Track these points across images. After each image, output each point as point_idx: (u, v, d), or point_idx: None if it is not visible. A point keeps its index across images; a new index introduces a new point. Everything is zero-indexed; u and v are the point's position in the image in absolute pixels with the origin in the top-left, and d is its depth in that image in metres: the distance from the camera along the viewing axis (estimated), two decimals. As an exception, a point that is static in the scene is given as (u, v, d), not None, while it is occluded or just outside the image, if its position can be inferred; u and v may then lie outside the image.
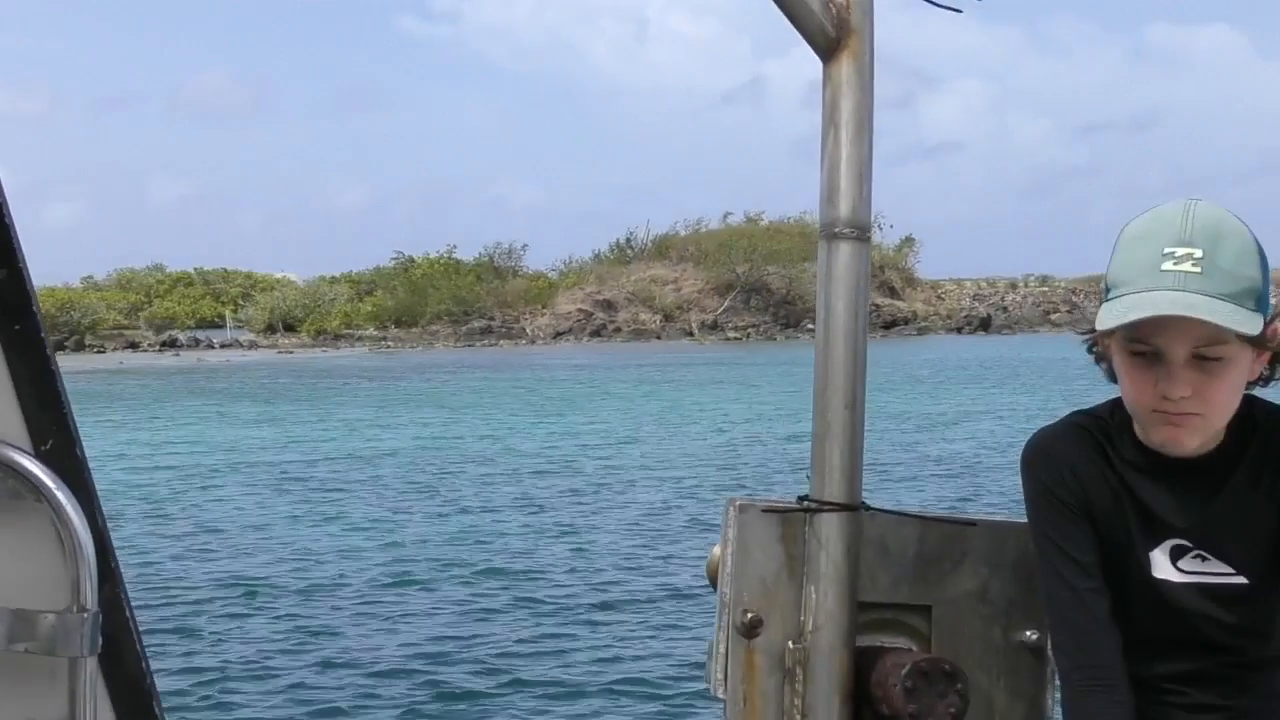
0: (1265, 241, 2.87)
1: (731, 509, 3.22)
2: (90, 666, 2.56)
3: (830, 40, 3.15)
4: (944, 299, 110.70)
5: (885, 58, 3.22)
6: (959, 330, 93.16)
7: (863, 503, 3.18)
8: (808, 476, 3.21)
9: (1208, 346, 2.77)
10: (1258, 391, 2.97)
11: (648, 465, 28.19)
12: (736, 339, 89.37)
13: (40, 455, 2.58)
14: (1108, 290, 2.85)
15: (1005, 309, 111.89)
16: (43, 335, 2.62)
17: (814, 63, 3.17)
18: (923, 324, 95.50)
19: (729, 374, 57.11)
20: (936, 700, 3.11)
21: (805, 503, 3.18)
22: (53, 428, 2.62)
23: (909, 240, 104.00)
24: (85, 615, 2.54)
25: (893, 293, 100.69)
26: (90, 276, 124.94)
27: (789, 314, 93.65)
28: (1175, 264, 2.74)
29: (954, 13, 3.16)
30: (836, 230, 3.16)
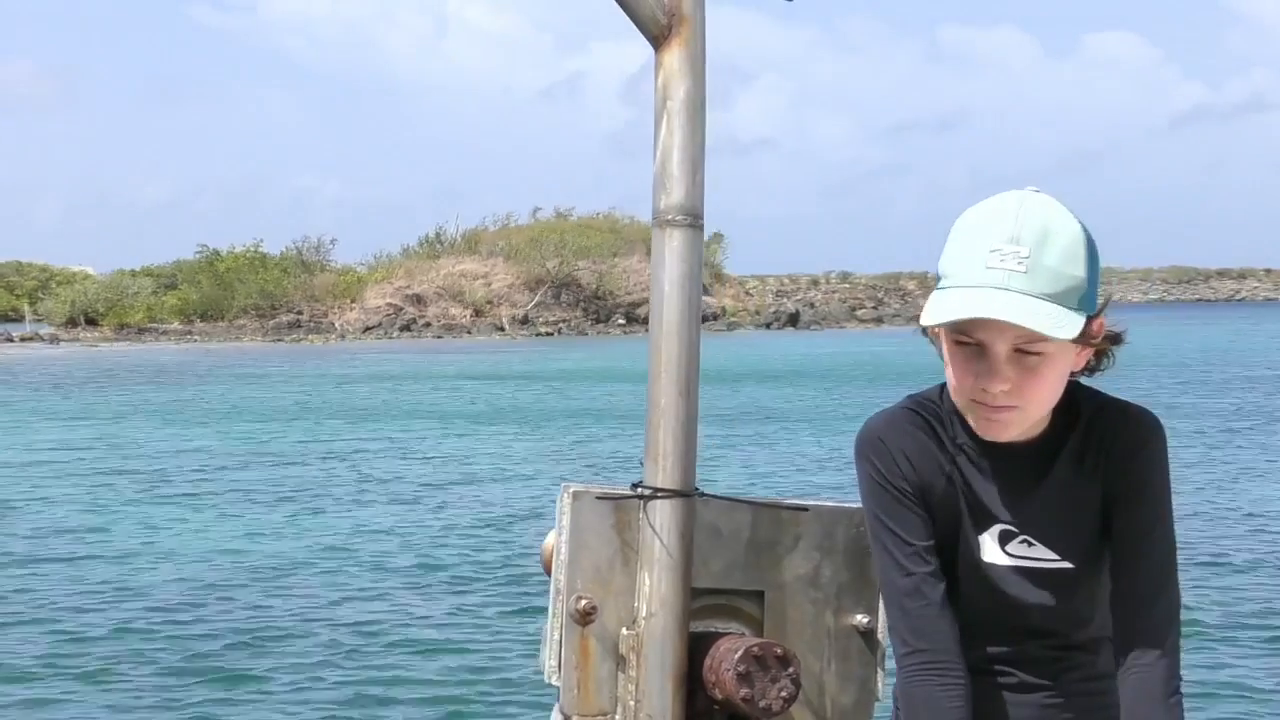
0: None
1: (565, 496, 3.21)
2: None
3: (661, 28, 3.16)
4: (751, 295, 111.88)
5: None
6: (768, 326, 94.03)
7: (696, 488, 3.20)
8: (641, 463, 3.21)
9: (1028, 343, 2.82)
10: (1084, 380, 3.03)
11: (481, 459, 27.94)
12: (548, 334, 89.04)
13: None
14: (939, 279, 2.89)
15: (812, 305, 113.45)
16: None
17: (628, 60, 3.18)
18: (732, 319, 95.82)
19: (552, 366, 56.95)
20: (769, 685, 3.14)
21: (639, 489, 3.19)
22: None
23: (718, 236, 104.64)
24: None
25: (703, 289, 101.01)
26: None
27: (599, 309, 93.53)
28: (1001, 260, 2.78)
29: (786, 1, 3.18)
30: (670, 218, 3.17)
